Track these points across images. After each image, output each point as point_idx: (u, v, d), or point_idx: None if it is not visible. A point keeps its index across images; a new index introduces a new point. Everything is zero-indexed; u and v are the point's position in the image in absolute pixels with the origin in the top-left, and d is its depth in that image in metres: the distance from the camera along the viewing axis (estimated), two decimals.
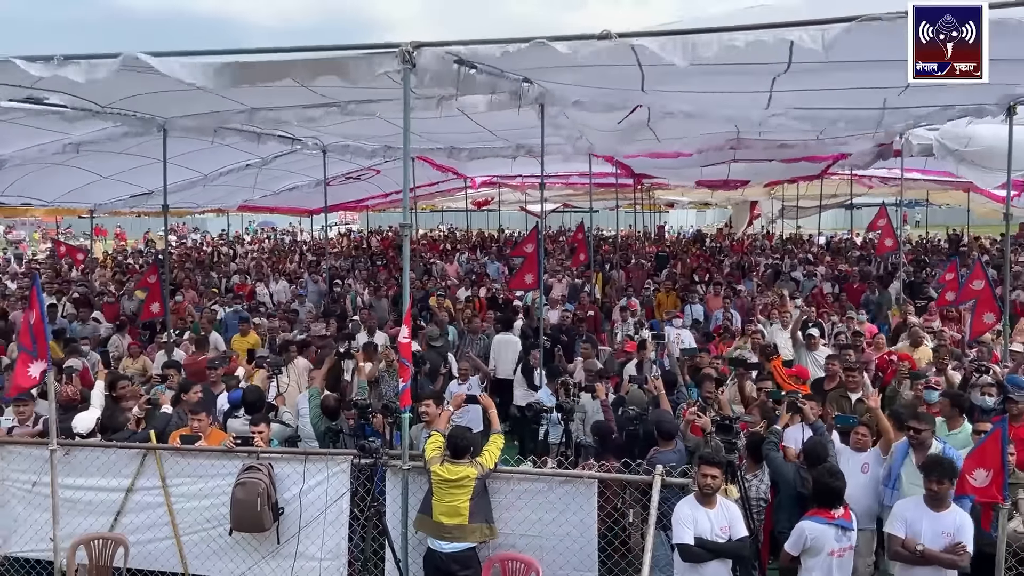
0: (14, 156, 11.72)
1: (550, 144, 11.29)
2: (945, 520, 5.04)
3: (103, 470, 6.38)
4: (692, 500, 5.26)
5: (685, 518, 5.14)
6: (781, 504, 6.09)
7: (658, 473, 5.57)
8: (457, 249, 26.13)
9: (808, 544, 5.10)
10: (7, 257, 29.80)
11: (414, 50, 5.54)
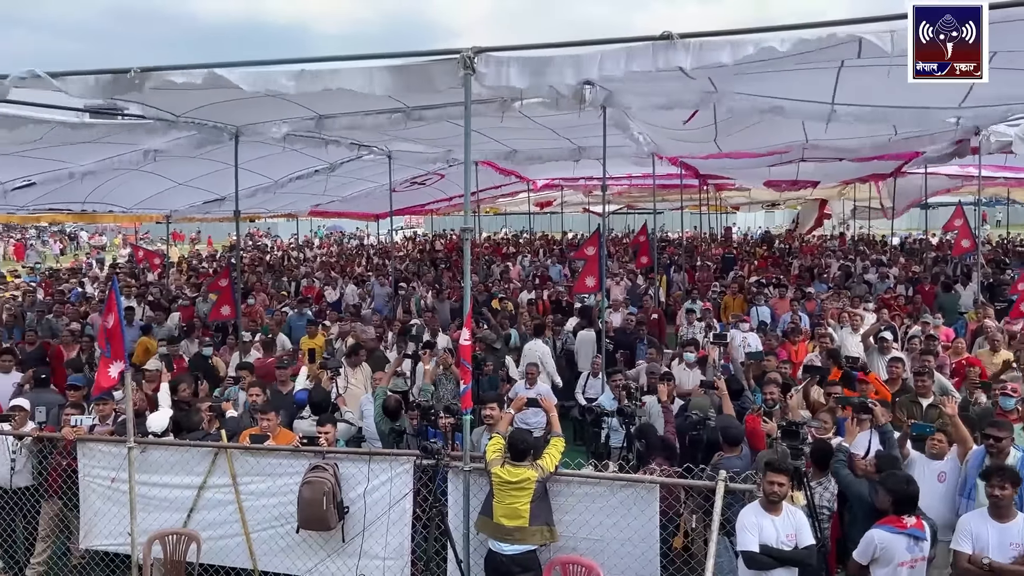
0: (97, 165, 12.24)
1: (613, 146, 11.24)
2: (1011, 530, 4.85)
3: (177, 468, 6.60)
4: (757, 507, 5.16)
5: (750, 525, 5.05)
6: (855, 519, 5.88)
7: (721, 479, 5.49)
8: (520, 252, 26.19)
9: (877, 553, 4.95)
10: (89, 261, 31.13)
11: (475, 56, 5.59)
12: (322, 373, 9.39)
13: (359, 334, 11.03)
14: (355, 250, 31.10)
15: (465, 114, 5.86)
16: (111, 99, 8.02)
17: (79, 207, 16.17)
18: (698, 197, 25.18)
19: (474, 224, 7.62)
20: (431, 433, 6.96)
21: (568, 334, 11.54)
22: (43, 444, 7.06)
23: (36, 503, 7.09)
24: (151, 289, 17.90)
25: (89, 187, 13.91)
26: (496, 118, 9.59)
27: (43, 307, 14.41)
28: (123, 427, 6.72)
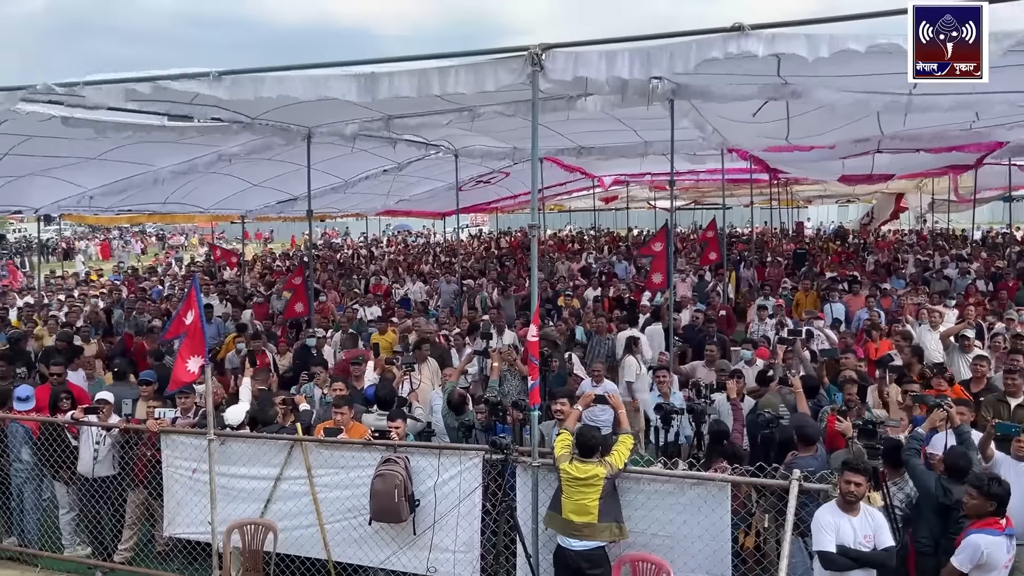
0: (176, 168, 12.69)
1: (681, 140, 11.11)
2: None
3: (254, 460, 6.80)
4: (833, 507, 5.05)
5: (826, 525, 4.95)
6: (921, 514, 5.72)
7: (795, 478, 5.38)
8: (584, 249, 26.10)
9: (984, 559, 4.79)
10: (169, 260, 32.31)
11: (543, 52, 5.60)
12: (391, 369, 9.55)
13: (422, 329, 11.17)
14: (421, 248, 31.46)
15: (532, 111, 5.87)
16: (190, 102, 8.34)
17: (160, 208, 16.82)
18: (768, 192, 24.69)
19: (540, 221, 7.61)
20: (499, 428, 7.01)
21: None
22: (128, 435, 7.37)
23: (120, 492, 7.41)
24: (228, 287, 18.46)
25: (170, 189, 14.45)
26: (562, 114, 9.61)
27: (131, 304, 15.02)
28: (204, 420, 6.97)
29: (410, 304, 15.60)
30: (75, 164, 11.26)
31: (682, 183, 23.29)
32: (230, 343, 11.19)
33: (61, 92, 6.91)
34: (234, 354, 10.85)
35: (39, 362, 10.54)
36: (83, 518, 7.64)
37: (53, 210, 15.02)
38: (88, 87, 6.62)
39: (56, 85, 6.77)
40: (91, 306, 15.60)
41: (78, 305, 15.52)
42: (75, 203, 14.38)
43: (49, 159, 10.81)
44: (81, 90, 6.70)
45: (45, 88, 6.79)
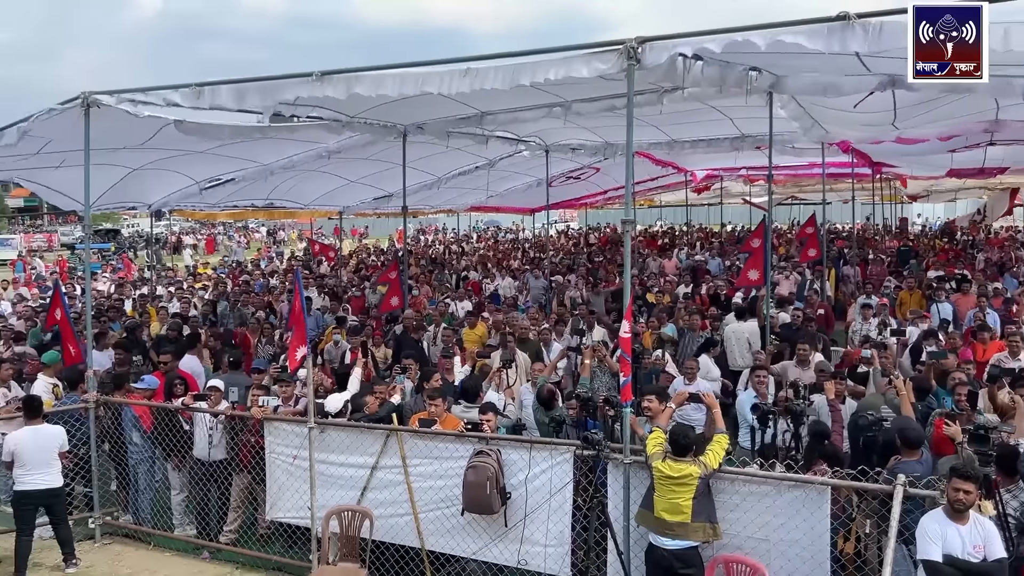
0: (279, 165, 13.19)
1: (779, 133, 10.83)
2: None
3: (352, 448, 7.01)
4: (940, 514, 4.83)
5: (932, 533, 4.74)
6: None
7: (900, 483, 5.18)
8: (676, 245, 25.70)
9: None
10: (270, 255, 33.58)
11: (639, 46, 5.56)
12: (484, 362, 9.67)
13: (513, 323, 11.24)
14: (510, 244, 31.65)
15: (628, 105, 5.83)
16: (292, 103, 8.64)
17: (262, 204, 17.52)
18: (871, 187, 23.73)
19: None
20: (590, 424, 7.00)
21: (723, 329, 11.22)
22: (235, 422, 7.72)
23: (228, 476, 7.77)
24: (326, 281, 19.04)
25: (272, 185, 15.03)
26: (656, 108, 9.50)
27: (235, 297, 15.70)
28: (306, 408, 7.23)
29: (500, 299, 15.73)
30: (185, 157, 11.80)
31: (779, 177, 22.61)
32: (328, 335, 11.54)
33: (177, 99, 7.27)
34: (332, 346, 11.19)
35: (151, 350, 11.14)
36: (192, 499, 8.05)
37: (164, 205, 15.81)
38: (204, 88, 6.95)
39: (171, 88, 7.14)
40: (198, 298, 16.37)
41: (187, 296, 16.32)
42: (184, 198, 15.11)
43: (160, 152, 11.36)
44: (196, 94, 7.05)
45: (162, 98, 7.17)
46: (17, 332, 12.03)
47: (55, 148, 9.45)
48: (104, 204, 14.08)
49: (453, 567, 6.82)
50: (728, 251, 21.77)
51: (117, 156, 10.93)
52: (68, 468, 7.65)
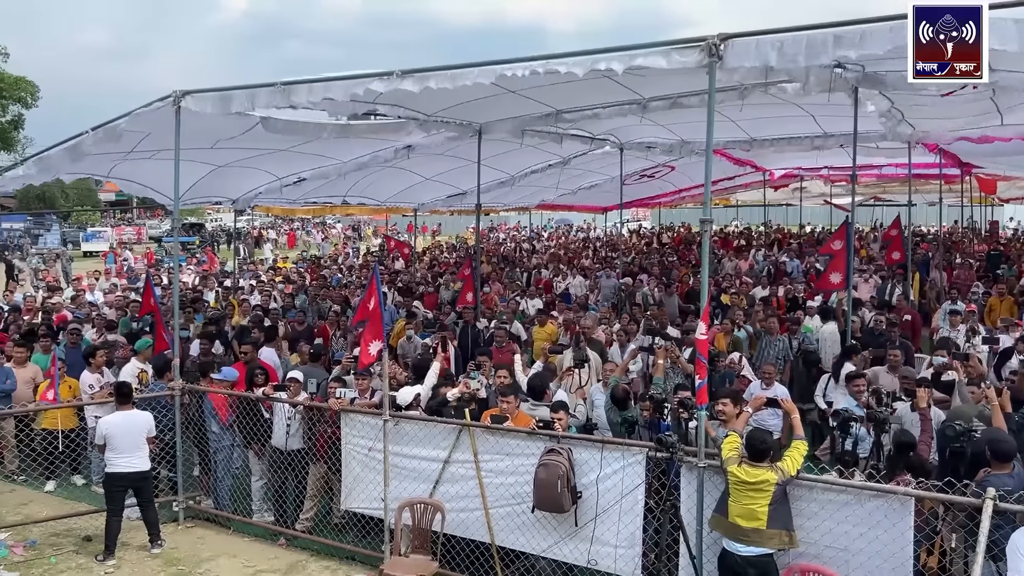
0: (357, 162, 13.45)
1: (864, 132, 10.49)
2: None
3: (425, 442, 7.09)
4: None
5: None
6: None
7: (989, 497, 4.96)
8: (752, 246, 25.16)
9: None
10: (347, 251, 34.28)
11: (721, 43, 5.46)
12: (553, 359, 9.66)
13: (584, 324, 11.19)
14: (581, 243, 31.54)
15: (708, 103, 5.74)
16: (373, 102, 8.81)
17: (340, 200, 17.90)
18: (959, 188, 22.78)
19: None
20: (663, 426, 6.92)
21: (805, 334, 10.93)
22: (312, 413, 7.91)
23: (305, 465, 7.97)
24: (400, 277, 19.34)
25: (350, 182, 15.35)
26: (735, 105, 9.33)
27: (314, 291, 16.08)
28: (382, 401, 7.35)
29: (571, 298, 15.69)
30: (268, 155, 12.16)
31: (862, 178, 21.92)
32: (401, 330, 11.71)
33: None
34: (405, 341, 11.36)
35: (233, 340, 11.50)
36: (270, 487, 8.29)
37: (248, 200, 16.30)
38: (290, 86, 7.14)
39: (258, 87, 7.36)
40: (278, 291, 16.83)
41: (268, 289, 16.81)
42: (266, 194, 15.55)
43: (244, 150, 11.72)
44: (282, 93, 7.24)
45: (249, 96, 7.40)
46: (109, 320, 12.59)
47: (147, 145, 9.85)
48: (191, 199, 14.61)
49: (522, 563, 6.84)
50: (806, 252, 21.21)
51: (204, 153, 11.33)
52: (154, 452, 7.98)
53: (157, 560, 7.57)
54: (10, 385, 9.56)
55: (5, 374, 9.61)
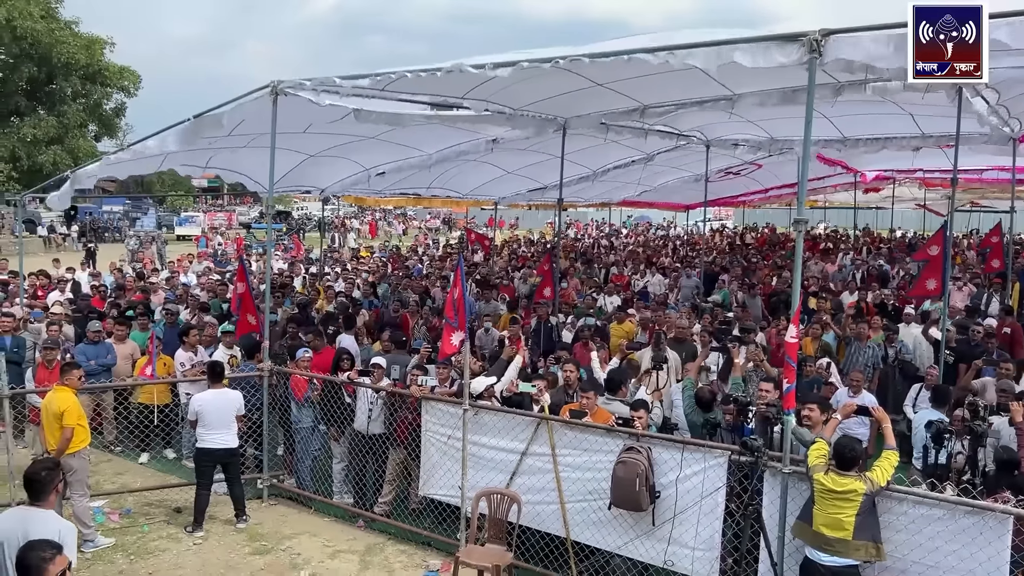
0: (440, 155, 13.60)
1: (965, 132, 10.04)
2: None
3: (503, 433, 7.14)
4: None
5: None
6: None
7: None
8: (840, 249, 24.38)
9: None
10: (428, 242, 34.76)
11: (823, 38, 5.31)
12: (633, 356, 9.59)
13: (673, 323, 11.06)
14: (661, 241, 31.15)
15: (807, 99, 5.59)
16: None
17: (424, 191, 18.15)
18: None
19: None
20: (747, 430, 6.80)
21: (902, 342, 10.55)
22: (394, 399, 8.06)
23: (385, 450, 8.14)
24: (479, 269, 19.50)
25: (434, 174, 15.53)
26: (828, 102, 9.06)
27: (396, 280, 16.38)
28: (461, 390, 7.44)
29: (649, 296, 15.53)
30: (356, 143, 12.39)
31: (962, 181, 20.98)
32: (506, 323, 11.84)
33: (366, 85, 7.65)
34: (483, 332, 11.46)
35: (319, 325, 11.81)
36: (351, 470, 8.50)
37: (336, 190, 16.68)
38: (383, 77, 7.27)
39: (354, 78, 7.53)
40: (362, 280, 17.21)
41: (352, 277, 17.19)
42: (354, 184, 15.88)
43: (334, 138, 11.98)
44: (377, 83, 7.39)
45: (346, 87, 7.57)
46: (202, 302, 13.10)
47: (242, 131, 10.17)
48: (281, 187, 15.04)
49: (597, 559, 6.82)
50: (897, 257, 20.43)
51: (296, 142, 11.64)
52: (243, 431, 8.28)
53: (242, 535, 7.86)
54: (111, 360, 10.07)
55: (106, 349, 10.12)
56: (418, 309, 12.84)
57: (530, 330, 11.66)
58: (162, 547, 7.56)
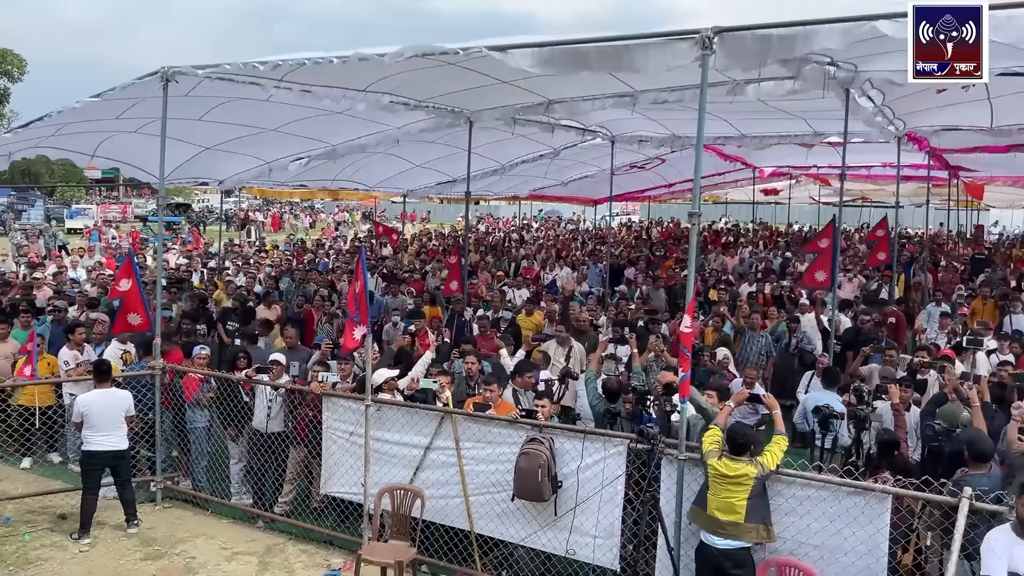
0: (348, 144, 13.32)
1: (853, 131, 10.53)
2: None
3: (406, 428, 7.06)
4: (1008, 531, 4.65)
5: (999, 549, 4.56)
6: None
7: (966, 496, 5.00)
8: (740, 243, 25.24)
9: None
10: (335, 235, 34.10)
11: (715, 36, 5.44)
12: (537, 348, 9.66)
13: (576, 315, 11.18)
14: (570, 235, 31.52)
15: (701, 96, 5.73)
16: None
17: (330, 183, 17.79)
18: (947, 191, 22.91)
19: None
20: (644, 418, 6.94)
21: (804, 332, 10.97)
22: (294, 396, 7.87)
23: (285, 448, 7.93)
24: (386, 263, 19.27)
25: (340, 166, 15.23)
26: (726, 100, 9.32)
27: (301, 275, 15.98)
28: (362, 385, 7.32)
29: (558, 289, 15.69)
30: (258, 135, 12.02)
31: (851, 178, 22.05)
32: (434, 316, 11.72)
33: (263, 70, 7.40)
34: (391, 327, 11.32)
35: (217, 321, 11.43)
36: (250, 469, 8.25)
37: (236, 182, 16.16)
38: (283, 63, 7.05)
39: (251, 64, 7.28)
40: (264, 274, 16.74)
41: (253, 272, 16.70)
42: (255, 176, 15.41)
43: (233, 128, 11.60)
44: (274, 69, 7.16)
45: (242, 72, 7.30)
46: (91, 298, 12.48)
47: (132, 118, 9.72)
48: (178, 178, 14.46)
49: (501, 552, 6.83)
50: (794, 251, 21.30)
51: (192, 133, 11.20)
52: (134, 432, 7.92)
53: (133, 540, 7.51)
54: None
55: None
56: (323, 304, 12.58)
57: (441, 324, 11.58)
58: (45, 556, 7.15)
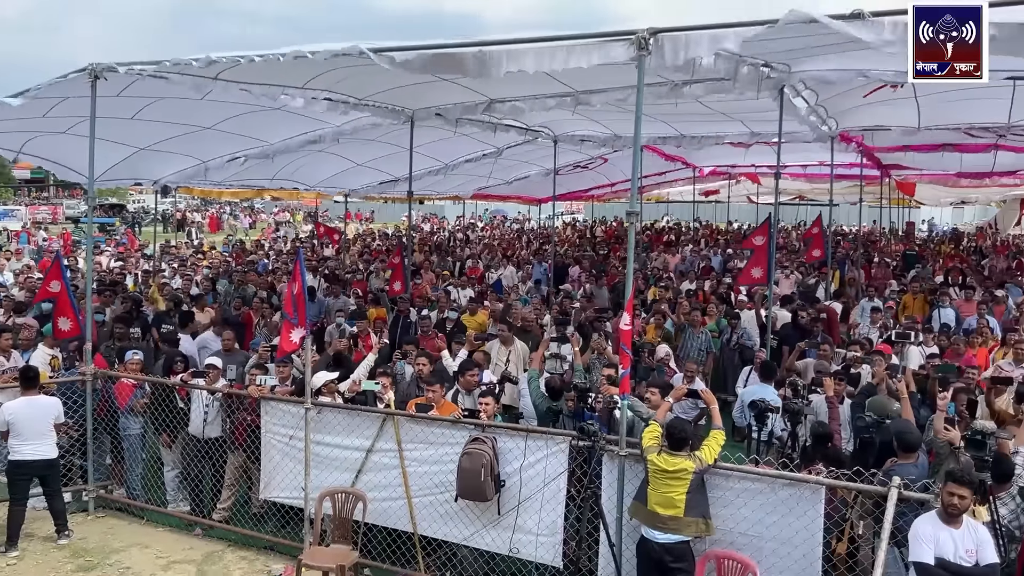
0: (285, 143, 13.09)
1: (788, 131, 10.77)
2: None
3: (348, 430, 6.98)
4: (933, 517, 4.82)
5: (925, 536, 4.73)
6: None
7: (895, 485, 5.16)
8: (681, 241, 25.63)
9: None
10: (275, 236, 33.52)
11: (651, 37, 5.50)
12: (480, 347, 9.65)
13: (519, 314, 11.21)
14: (515, 234, 31.59)
15: (637, 97, 5.78)
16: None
17: (268, 183, 17.46)
18: (879, 190, 23.61)
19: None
20: (587, 415, 6.99)
21: (745, 329, 11.19)
22: (232, 400, 7.71)
23: (223, 454, 7.77)
24: (328, 263, 19.02)
25: (279, 165, 14.96)
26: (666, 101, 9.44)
27: (239, 276, 15.66)
28: (302, 388, 7.21)
29: (502, 288, 15.70)
30: (193, 134, 11.73)
31: (787, 178, 22.61)
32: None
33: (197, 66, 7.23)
34: (334, 328, 11.18)
35: (152, 325, 11.13)
36: (186, 476, 8.06)
37: (171, 181, 15.73)
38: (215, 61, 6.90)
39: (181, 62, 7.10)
40: (202, 275, 16.36)
41: (189, 274, 16.30)
42: (191, 176, 15.04)
43: (170, 127, 11.31)
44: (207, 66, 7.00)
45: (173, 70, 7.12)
46: (18, 302, 12.02)
47: (60, 117, 9.41)
48: (110, 179, 14.02)
49: (444, 552, 6.82)
50: (733, 248, 21.71)
51: (125, 133, 10.87)
52: (67, 439, 7.66)
53: (63, 551, 7.28)
54: None
55: None
56: (262, 306, 12.34)
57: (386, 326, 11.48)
58: None
